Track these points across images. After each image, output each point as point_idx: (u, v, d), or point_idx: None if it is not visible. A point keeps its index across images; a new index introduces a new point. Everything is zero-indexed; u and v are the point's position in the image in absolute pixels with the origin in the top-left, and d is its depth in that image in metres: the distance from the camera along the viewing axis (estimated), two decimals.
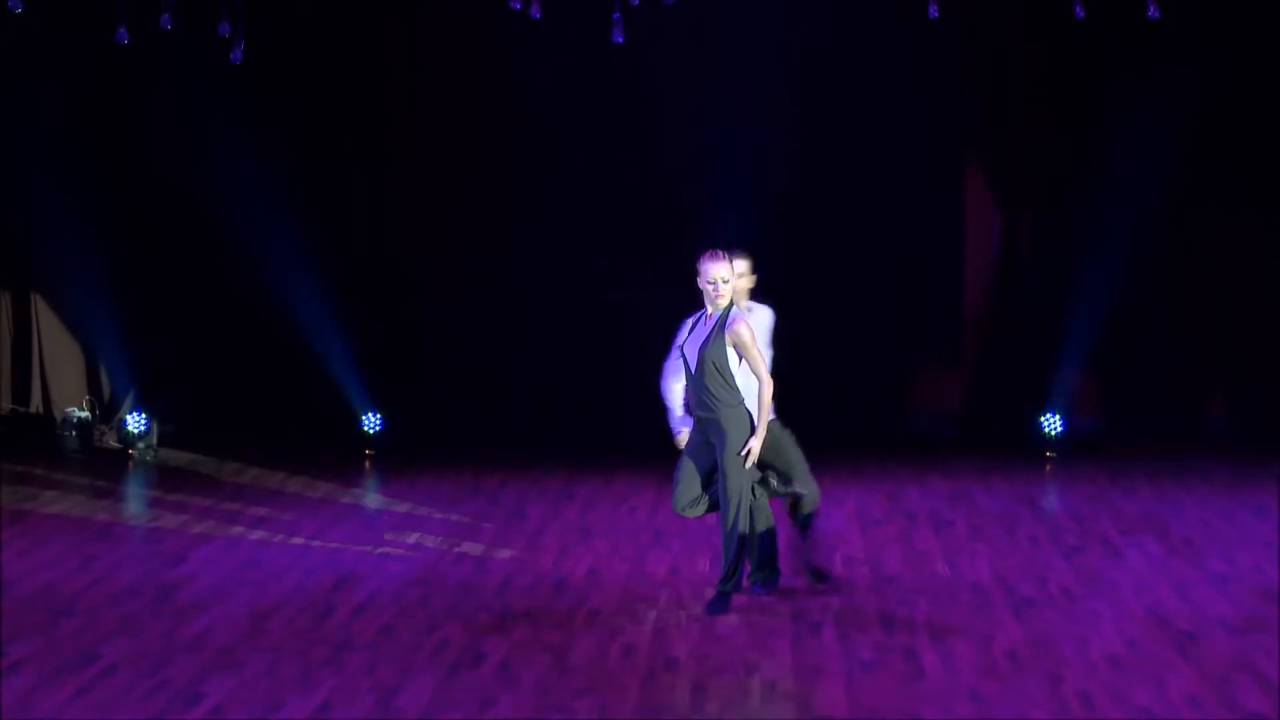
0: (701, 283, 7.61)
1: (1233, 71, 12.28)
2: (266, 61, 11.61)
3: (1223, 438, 12.68)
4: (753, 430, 7.56)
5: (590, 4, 10.24)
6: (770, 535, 7.91)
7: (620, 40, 9.70)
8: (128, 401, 12.80)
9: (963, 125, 12.87)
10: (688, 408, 7.81)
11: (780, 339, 8.04)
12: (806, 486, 7.91)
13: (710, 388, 7.54)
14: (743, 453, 7.53)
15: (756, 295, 8.01)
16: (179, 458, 12.39)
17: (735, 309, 7.61)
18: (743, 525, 7.56)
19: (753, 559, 7.85)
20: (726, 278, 7.55)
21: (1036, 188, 12.91)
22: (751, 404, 7.57)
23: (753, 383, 7.58)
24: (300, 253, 12.61)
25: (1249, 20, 12.13)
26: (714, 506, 7.71)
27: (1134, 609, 7.73)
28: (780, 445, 7.85)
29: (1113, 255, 12.45)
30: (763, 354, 7.62)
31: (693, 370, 7.63)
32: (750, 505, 7.60)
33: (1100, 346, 12.59)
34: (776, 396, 7.64)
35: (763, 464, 7.71)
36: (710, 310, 7.64)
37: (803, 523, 8.04)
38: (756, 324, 7.72)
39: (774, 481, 7.80)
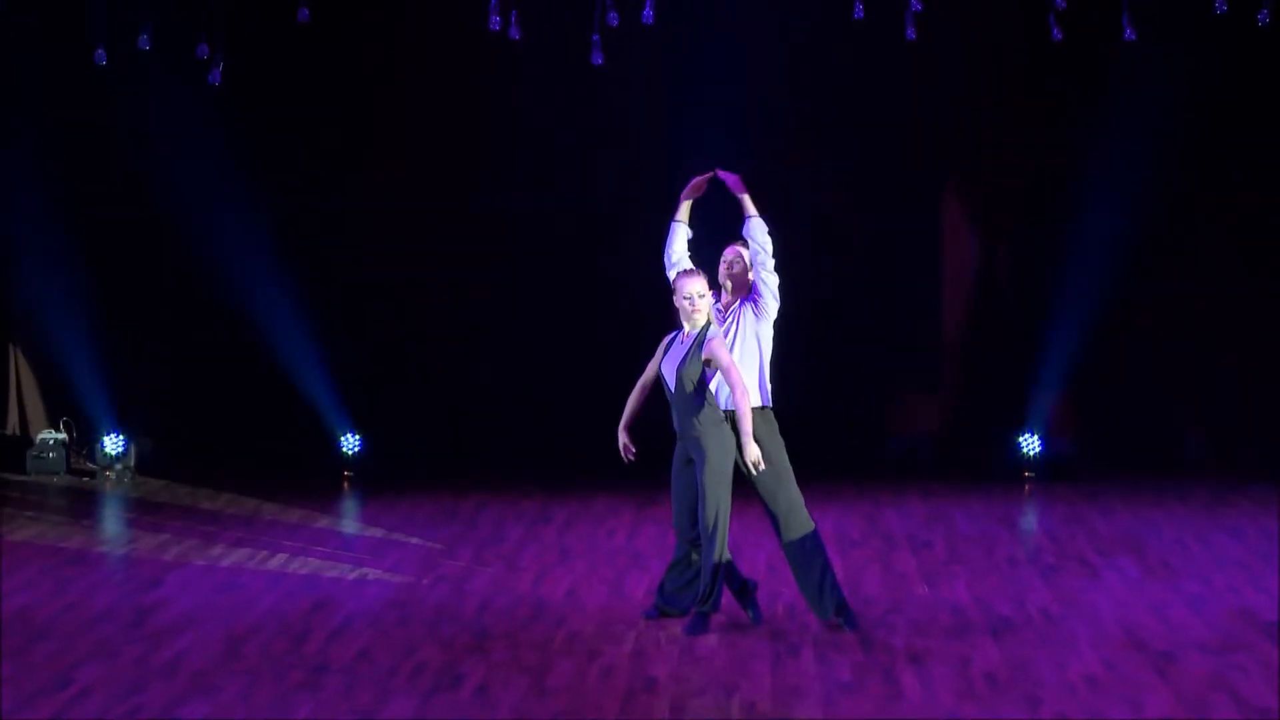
0: (678, 299, 7.64)
1: (1210, 95, 12.34)
2: (243, 83, 11.60)
3: (1200, 460, 12.73)
4: (737, 446, 7.58)
5: (571, 24, 10.25)
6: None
7: (599, 62, 9.72)
8: (105, 424, 12.75)
9: (940, 148, 12.91)
10: (630, 423, 7.81)
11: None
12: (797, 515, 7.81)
13: (692, 407, 7.55)
14: (753, 463, 7.52)
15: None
16: (156, 480, 12.35)
17: (712, 327, 7.64)
18: (718, 544, 7.56)
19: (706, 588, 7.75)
20: (703, 293, 7.60)
21: (1014, 211, 12.96)
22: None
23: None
24: (279, 274, 12.59)
25: (1227, 45, 12.19)
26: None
27: (1111, 630, 7.74)
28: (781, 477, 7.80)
29: (1090, 278, 12.50)
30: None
31: (671, 390, 7.65)
32: (726, 524, 7.60)
33: (1078, 369, 12.63)
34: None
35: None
36: (688, 329, 7.66)
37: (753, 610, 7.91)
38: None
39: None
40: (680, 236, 7.94)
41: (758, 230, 7.78)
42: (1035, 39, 10.69)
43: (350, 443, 12.55)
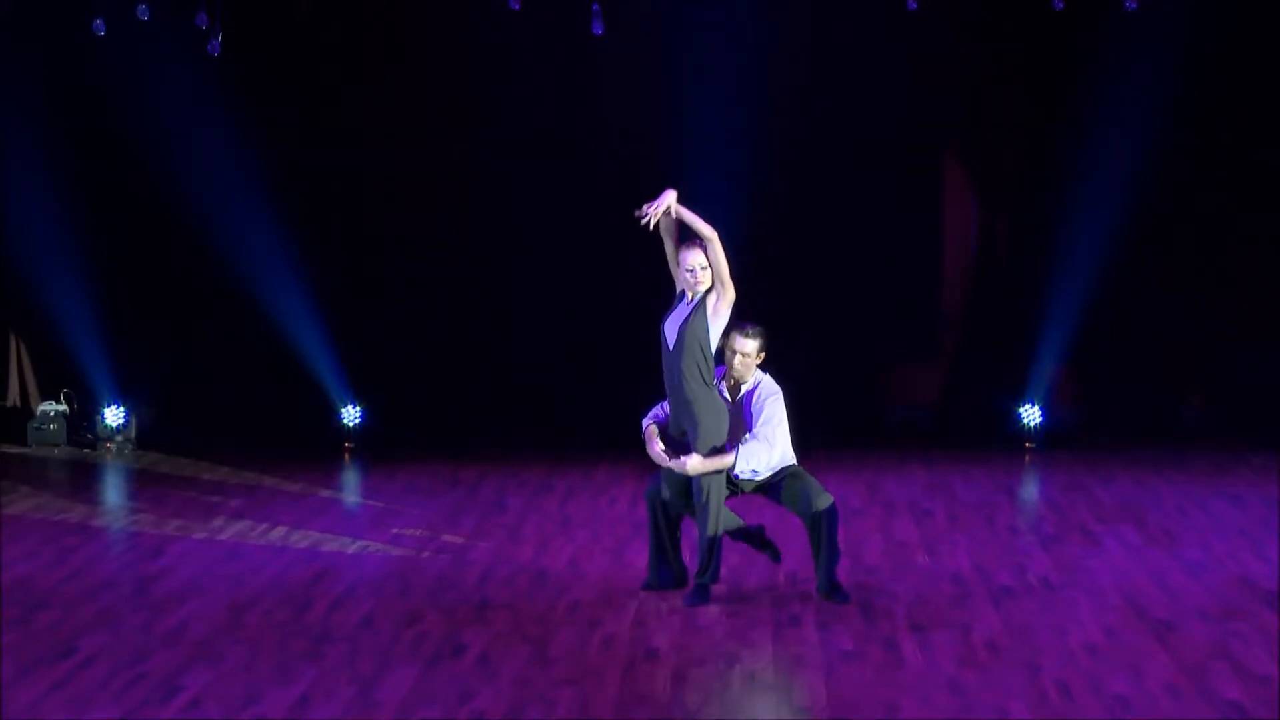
0: (680, 272, 7.61)
1: (1213, 66, 12.30)
2: (244, 54, 11.57)
3: (1200, 428, 12.74)
4: (729, 416, 7.57)
5: None
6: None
7: (600, 32, 9.69)
8: (106, 396, 12.75)
9: (941, 118, 12.87)
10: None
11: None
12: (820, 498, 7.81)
13: (686, 369, 7.49)
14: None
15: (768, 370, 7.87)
16: (157, 452, 12.35)
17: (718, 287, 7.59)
18: (713, 515, 7.55)
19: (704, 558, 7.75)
20: (705, 264, 7.53)
21: (1014, 181, 12.94)
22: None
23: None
24: (280, 245, 12.58)
25: (1233, 13, 12.13)
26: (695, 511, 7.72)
27: (1112, 598, 7.76)
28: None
29: (1091, 248, 12.49)
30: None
31: (670, 347, 7.56)
32: (721, 496, 7.59)
33: (1079, 338, 12.63)
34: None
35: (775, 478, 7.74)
36: (690, 296, 7.61)
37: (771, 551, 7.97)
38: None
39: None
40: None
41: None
42: (1038, 8, 10.64)
43: (351, 414, 12.56)
